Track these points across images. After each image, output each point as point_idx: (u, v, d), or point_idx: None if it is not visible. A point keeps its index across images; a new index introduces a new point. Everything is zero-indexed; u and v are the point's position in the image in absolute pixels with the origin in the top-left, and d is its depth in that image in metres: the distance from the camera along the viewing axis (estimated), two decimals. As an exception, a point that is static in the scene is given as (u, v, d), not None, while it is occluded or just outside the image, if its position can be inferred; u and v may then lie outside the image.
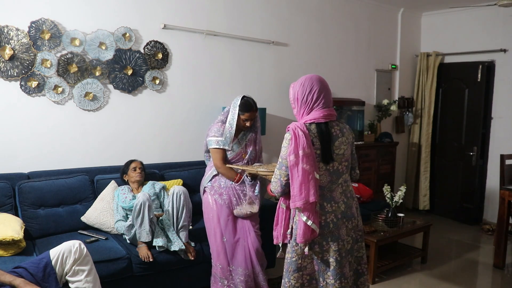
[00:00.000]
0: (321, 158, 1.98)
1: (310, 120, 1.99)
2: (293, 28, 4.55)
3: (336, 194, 2.05)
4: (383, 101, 5.32)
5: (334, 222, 2.02)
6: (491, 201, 5.11)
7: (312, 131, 1.98)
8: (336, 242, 2.03)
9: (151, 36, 3.64)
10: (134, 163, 3.21)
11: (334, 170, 2.03)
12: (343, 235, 2.05)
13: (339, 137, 2.04)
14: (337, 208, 2.04)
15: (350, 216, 2.09)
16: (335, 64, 4.96)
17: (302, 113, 2.04)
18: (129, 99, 3.60)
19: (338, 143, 2.03)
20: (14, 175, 3.03)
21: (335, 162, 2.03)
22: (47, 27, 3.14)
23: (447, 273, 3.77)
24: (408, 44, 5.69)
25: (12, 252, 2.55)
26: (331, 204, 2.03)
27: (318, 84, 2.02)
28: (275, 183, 2.03)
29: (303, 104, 2.02)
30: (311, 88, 2.00)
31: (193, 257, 2.89)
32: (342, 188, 2.08)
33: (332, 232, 2.02)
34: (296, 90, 2.04)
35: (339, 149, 2.03)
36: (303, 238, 1.94)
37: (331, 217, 2.02)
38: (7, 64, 3.03)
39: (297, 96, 2.04)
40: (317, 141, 1.98)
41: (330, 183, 2.03)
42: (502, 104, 5.05)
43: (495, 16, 4.94)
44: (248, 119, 2.92)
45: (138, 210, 2.76)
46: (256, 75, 4.32)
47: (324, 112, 2.01)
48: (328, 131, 2.01)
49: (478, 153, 5.16)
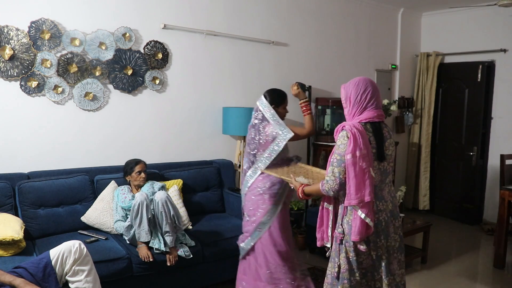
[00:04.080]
0: (376, 156, 2.04)
1: (366, 120, 2.04)
2: (293, 28, 4.55)
3: (385, 193, 2.11)
4: (383, 101, 5.31)
5: (386, 220, 2.08)
6: (491, 201, 5.11)
7: (369, 130, 2.03)
8: (387, 240, 2.09)
9: (151, 36, 3.64)
10: (139, 166, 3.13)
11: (384, 169, 2.09)
12: (392, 233, 2.11)
13: (388, 138, 2.11)
14: (386, 206, 2.10)
15: (396, 215, 2.15)
16: (335, 64, 4.96)
17: (353, 112, 2.08)
18: (129, 99, 3.60)
19: (387, 144, 2.10)
20: (14, 175, 3.03)
21: (385, 162, 2.09)
22: (47, 27, 3.14)
23: (447, 273, 3.77)
24: (408, 44, 5.69)
25: (12, 252, 2.55)
26: (382, 202, 2.08)
27: (371, 85, 2.09)
28: (333, 181, 2.01)
29: (356, 103, 2.07)
30: (365, 89, 2.07)
31: (170, 263, 2.80)
32: (389, 187, 2.14)
33: (384, 230, 2.08)
34: (350, 90, 2.10)
35: (388, 150, 2.10)
36: (358, 235, 1.98)
37: (383, 215, 2.08)
38: (7, 64, 3.03)
39: (350, 96, 2.09)
40: (373, 140, 2.03)
41: (380, 182, 2.08)
42: (502, 104, 5.05)
43: (495, 16, 4.94)
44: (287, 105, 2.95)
45: (136, 210, 2.76)
46: (256, 75, 4.32)
47: (378, 112, 2.07)
48: (381, 131, 2.08)
49: (478, 153, 5.16)
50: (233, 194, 3.68)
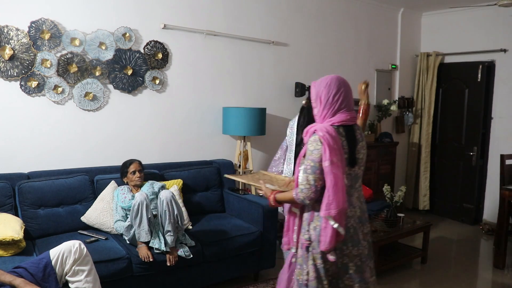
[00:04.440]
0: (348, 161, 1.93)
1: (338, 123, 1.92)
2: (293, 28, 4.55)
3: (354, 199, 2.01)
4: (383, 101, 5.32)
5: (354, 227, 1.99)
6: (491, 201, 5.11)
7: (342, 134, 1.92)
8: (357, 247, 1.99)
9: (151, 36, 3.64)
10: (133, 165, 3.12)
11: (355, 174, 1.99)
12: (361, 240, 2.02)
13: (360, 141, 2.00)
14: (354, 213, 2.00)
15: (364, 221, 2.06)
16: (335, 64, 4.96)
17: (325, 114, 1.95)
18: (129, 99, 3.60)
19: (359, 147, 1.99)
20: (14, 175, 3.02)
21: (357, 166, 1.99)
22: (47, 27, 3.14)
23: (447, 273, 3.77)
24: (408, 44, 5.69)
25: (12, 252, 2.54)
26: (350, 209, 1.98)
27: (344, 85, 1.96)
28: (308, 190, 1.87)
29: (327, 105, 1.94)
30: (337, 90, 1.93)
31: (170, 263, 2.80)
32: (358, 192, 2.04)
33: (352, 237, 1.98)
34: (321, 90, 1.96)
35: (359, 153, 1.99)
36: (329, 245, 1.87)
37: (351, 222, 1.98)
38: (7, 64, 3.03)
39: (321, 96, 1.95)
40: (346, 144, 1.93)
41: (350, 188, 1.98)
42: (502, 104, 5.04)
43: (495, 16, 4.93)
44: None
45: (136, 210, 2.76)
46: (256, 75, 4.32)
47: (351, 114, 1.96)
48: (354, 134, 1.97)
49: (478, 153, 5.16)
50: (233, 194, 3.68)
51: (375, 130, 5.30)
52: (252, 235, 3.24)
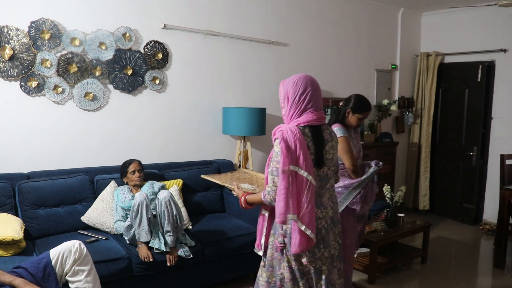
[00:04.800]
0: (315, 162, 1.90)
1: (304, 123, 1.90)
2: (293, 28, 4.55)
3: (325, 199, 1.99)
4: (383, 101, 5.32)
5: (325, 228, 1.96)
6: (491, 201, 5.11)
7: (307, 135, 1.90)
8: (328, 249, 1.97)
9: (151, 36, 3.64)
10: (132, 165, 3.13)
11: (324, 175, 1.97)
12: (332, 241, 2.00)
13: (329, 141, 1.98)
14: (326, 213, 1.98)
15: (336, 222, 2.04)
16: (335, 64, 4.96)
17: (291, 114, 1.93)
18: (129, 99, 3.60)
19: (328, 147, 1.97)
20: (14, 175, 3.02)
21: (325, 167, 1.96)
22: (47, 27, 3.14)
23: (447, 273, 3.77)
24: (408, 44, 5.69)
25: (12, 252, 2.54)
26: (321, 209, 1.96)
27: (312, 85, 1.93)
28: (274, 192, 1.87)
29: (294, 104, 1.92)
30: (304, 89, 1.91)
31: (170, 263, 2.79)
32: (329, 193, 2.02)
33: (324, 238, 1.96)
34: (288, 89, 1.94)
35: (328, 154, 1.97)
36: (299, 248, 1.84)
37: (322, 223, 1.96)
38: (7, 64, 3.03)
39: (288, 95, 1.93)
40: (312, 145, 1.90)
41: (320, 188, 1.96)
42: (502, 104, 5.04)
43: (495, 16, 4.93)
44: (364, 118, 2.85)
45: (136, 210, 2.76)
46: (256, 75, 4.32)
47: (317, 115, 1.93)
48: (321, 135, 1.94)
49: (478, 153, 5.16)
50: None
51: (375, 130, 5.30)
52: (252, 235, 3.24)
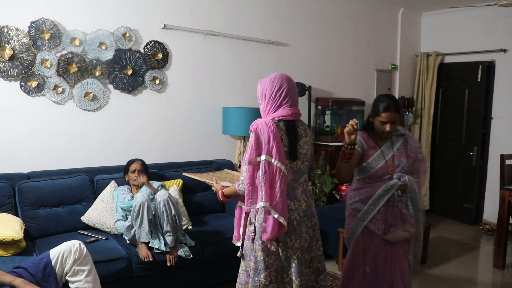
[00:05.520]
0: (288, 155, 2.01)
1: (279, 117, 2.02)
2: (293, 28, 4.55)
3: (298, 192, 2.08)
4: (383, 101, 5.31)
5: (297, 219, 2.05)
6: (491, 201, 5.11)
7: (281, 128, 2.01)
8: (299, 240, 2.06)
9: (151, 36, 3.64)
10: (134, 164, 3.16)
11: (297, 168, 2.06)
12: (303, 233, 2.08)
13: (303, 136, 2.08)
14: (299, 206, 2.07)
15: (310, 215, 2.12)
16: (335, 64, 4.96)
17: (268, 110, 2.05)
18: (129, 99, 3.60)
19: (302, 142, 2.07)
20: (14, 175, 3.02)
21: (299, 161, 2.06)
22: (47, 27, 3.14)
23: (447, 273, 3.77)
24: (408, 44, 5.69)
25: (12, 252, 2.54)
26: (294, 202, 2.05)
27: (287, 82, 2.05)
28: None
29: (270, 100, 2.04)
30: (280, 86, 2.03)
31: (170, 263, 2.80)
32: (303, 187, 2.11)
33: (295, 229, 2.05)
34: (265, 86, 2.07)
35: (302, 148, 2.07)
36: (271, 235, 1.94)
37: (295, 214, 2.05)
38: (7, 64, 3.03)
39: (265, 92, 2.07)
40: (286, 138, 2.01)
41: (293, 181, 2.06)
42: (502, 104, 5.04)
43: (495, 16, 4.93)
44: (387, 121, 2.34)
45: (137, 211, 2.76)
46: (256, 75, 4.31)
47: (292, 110, 2.04)
48: (295, 129, 2.05)
49: (478, 153, 5.16)
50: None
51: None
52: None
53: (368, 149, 2.41)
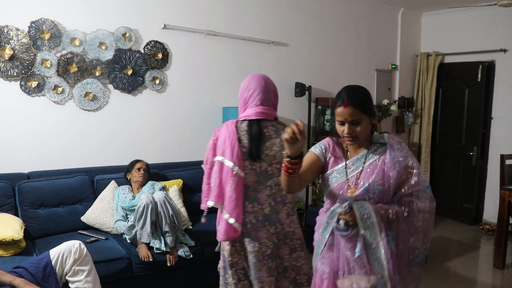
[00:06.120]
0: (247, 155, 1.97)
1: (243, 117, 2.00)
2: (293, 28, 4.55)
3: (262, 195, 1.99)
4: (383, 101, 5.31)
5: (253, 223, 1.98)
6: (491, 201, 5.10)
7: (242, 129, 1.98)
8: (253, 244, 1.98)
9: (151, 36, 3.64)
10: (140, 163, 3.22)
11: (262, 171, 1.99)
12: (262, 238, 1.98)
13: (273, 137, 1.99)
14: (259, 209, 1.99)
15: (274, 221, 2.01)
16: (335, 64, 4.96)
17: (240, 111, 2.06)
18: (129, 99, 3.60)
19: (269, 144, 1.98)
20: (14, 175, 3.03)
21: (264, 163, 1.98)
22: (47, 27, 3.14)
23: (447, 273, 3.77)
24: (408, 44, 5.69)
25: (12, 252, 2.55)
26: (254, 204, 1.99)
27: (257, 81, 2.01)
28: None
29: (241, 101, 2.05)
30: (248, 85, 2.02)
31: (170, 263, 2.80)
32: (271, 191, 2.01)
33: (250, 233, 1.98)
34: (240, 88, 2.08)
35: (270, 150, 1.98)
36: (224, 236, 1.93)
37: (250, 217, 1.98)
38: (7, 64, 3.03)
39: (239, 93, 2.07)
40: (246, 138, 1.97)
41: (256, 184, 1.98)
42: (502, 104, 5.04)
43: (495, 16, 4.93)
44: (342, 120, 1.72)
45: (141, 212, 2.76)
46: (256, 75, 4.32)
47: (258, 109, 1.98)
48: (259, 130, 1.97)
49: (478, 153, 5.16)
50: None
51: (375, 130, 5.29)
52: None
53: (329, 158, 1.76)
